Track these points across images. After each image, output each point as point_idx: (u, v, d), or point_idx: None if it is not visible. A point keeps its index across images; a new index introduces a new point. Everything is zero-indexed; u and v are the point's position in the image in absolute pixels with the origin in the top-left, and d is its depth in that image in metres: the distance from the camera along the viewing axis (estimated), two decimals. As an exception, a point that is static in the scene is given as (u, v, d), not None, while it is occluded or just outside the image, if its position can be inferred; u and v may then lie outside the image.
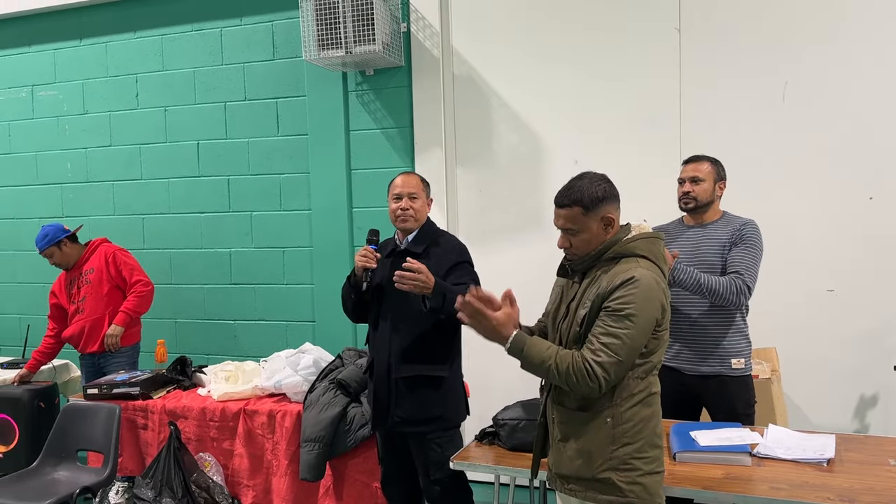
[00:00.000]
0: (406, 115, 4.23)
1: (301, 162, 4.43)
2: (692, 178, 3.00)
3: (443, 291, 2.61)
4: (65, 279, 4.20)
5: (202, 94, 4.63)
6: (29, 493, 3.35)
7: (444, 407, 2.87)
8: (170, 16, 4.66)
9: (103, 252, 4.16)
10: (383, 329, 2.88)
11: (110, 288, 4.11)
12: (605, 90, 3.94)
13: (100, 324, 4.08)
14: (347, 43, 3.89)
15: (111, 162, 4.87)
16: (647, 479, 2.00)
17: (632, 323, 1.91)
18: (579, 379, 1.92)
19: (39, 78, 5.01)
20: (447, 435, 2.90)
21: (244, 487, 3.49)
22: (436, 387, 2.85)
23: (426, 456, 2.88)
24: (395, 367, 2.84)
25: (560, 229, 2.08)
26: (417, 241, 2.89)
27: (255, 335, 4.59)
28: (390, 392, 2.86)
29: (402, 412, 2.84)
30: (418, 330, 2.80)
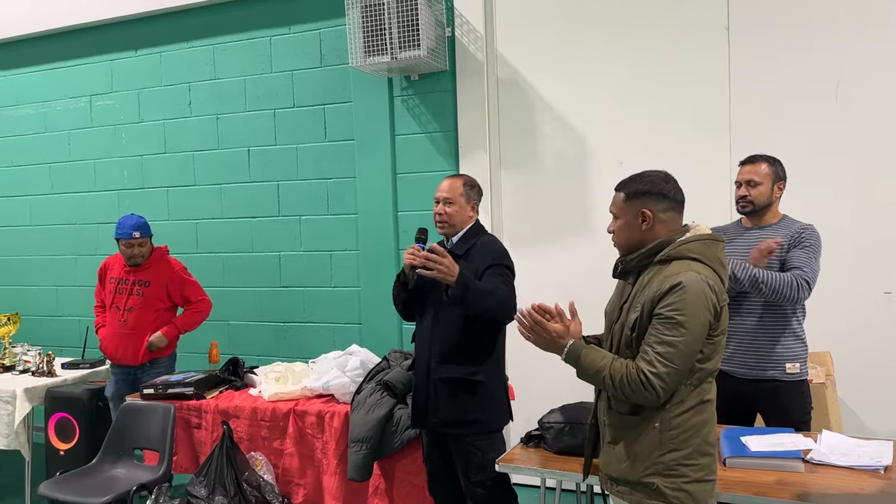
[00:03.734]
0: (450, 119, 4.26)
1: (348, 167, 4.50)
2: (748, 180, 2.95)
3: (465, 283, 2.63)
4: (116, 272, 4.09)
5: (252, 102, 4.74)
6: (88, 489, 3.47)
7: (481, 411, 2.86)
8: (221, 25, 4.79)
9: (166, 269, 4.06)
10: (425, 329, 2.93)
11: (165, 307, 4.06)
12: (651, 90, 3.91)
13: (141, 340, 4.00)
14: (393, 49, 3.93)
15: (166, 168, 5.02)
16: (695, 486, 1.97)
17: (685, 329, 1.89)
18: (634, 389, 1.92)
19: (97, 88, 5.19)
20: (487, 438, 2.89)
21: (295, 486, 3.55)
22: (473, 391, 2.85)
23: (466, 458, 2.89)
24: (434, 368, 2.86)
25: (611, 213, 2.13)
26: (461, 243, 2.92)
27: (304, 337, 4.68)
28: (429, 392, 2.89)
29: (439, 413, 2.87)
30: (458, 332, 2.82)
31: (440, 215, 2.90)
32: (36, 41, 5.31)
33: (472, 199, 2.95)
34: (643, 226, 2.04)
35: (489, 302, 2.71)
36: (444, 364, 2.84)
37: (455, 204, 2.89)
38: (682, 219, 2.09)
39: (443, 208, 2.90)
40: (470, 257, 2.85)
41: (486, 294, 2.70)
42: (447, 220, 2.90)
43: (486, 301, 2.70)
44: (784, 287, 2.77)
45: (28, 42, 5.34)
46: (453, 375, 2.83)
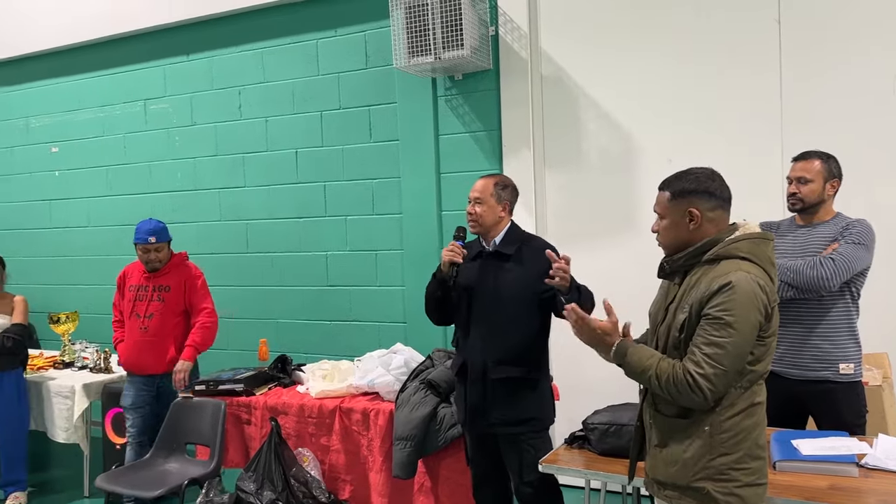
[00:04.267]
0: (494, 118, 4.26)
1: (392, 167, 4.54)
2: (799, 178, 2.87)
3: (577, 286, 2.67)
4: (136, 279, 4.00)
5: (300, 104, 4.82)
6: (143, 482, 3.59)
7: (538, 408, 2.89)
8: (270, 30, 4.88)
9: (185, 273, 3.98)
10: (476, 331, 2.90)
11: (181, 313, 3.96)
12: (699, 85, 3.83)
13: (163, 347, 3.90)
14: (437, 49, 3.95)
15: (217, 170, 5.14)
16: (746, 490, 1.93)
17: (734, 330, 1.85)
18: (681, 391, 1.88)
19: (151, 92, 5.35)
20: (540, 436, 2.91)
21: (341, 482, 3.60)
22: (531, 388, 2.86)
23: (520, 457, 2.88)
24: (492, 369, 2.84)
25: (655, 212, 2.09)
26: (506, 243, 2.91)
27: (349, 335, 4.74)
28: (485, 394, 2.87)
29: (498, 414, 2.86)
30: (512, 332, 2.82)
31: (470, 214, 2.92)
32: (95, 47, 5.50)
33: (504, 200, 2.92)
34: (690, 225, 2.00)
35: (591, 302, 2.76)
36: (502, 365, 2.83)
37: (484, 204, 2.89)
38: (730, 217, 2.04)
39: (473, 207, 2.91)
40: (522, 260, 2.84)
41: (588, 296, 2.76)
42: (476, 220, 2.90)
43: (589, 302, 2.75)
44: (806, 269, 2.71)
45: (89, 48, 5.53)
46: (512, 375, 2.83)
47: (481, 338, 2.88)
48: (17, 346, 4.12)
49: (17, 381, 4.24)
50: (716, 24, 3.78)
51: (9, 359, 4.15)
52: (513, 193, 2.97)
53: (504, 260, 2.86)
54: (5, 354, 4.11)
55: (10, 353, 4.12)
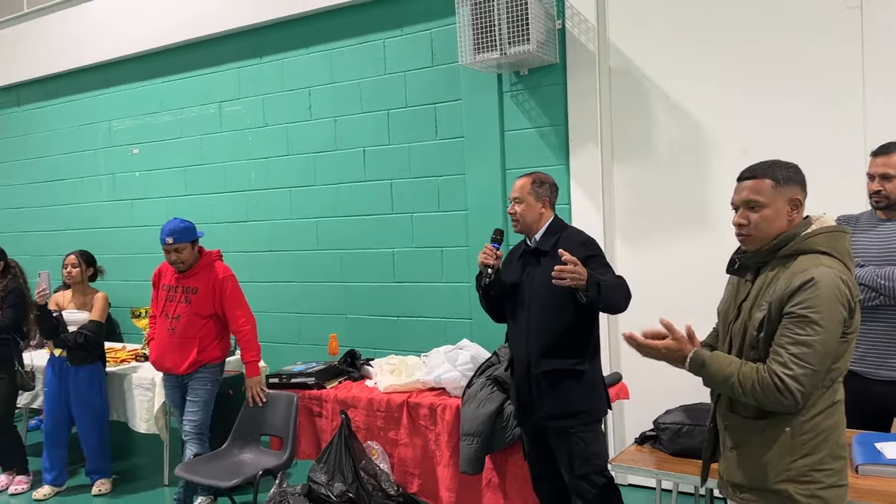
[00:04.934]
0: (561, 113, 4.21)
1: (458, 164, 4.55)
2: (882, 174, 2.73)
3: (596, 281, 2.62)
4: (168, 279, 4.00)
5: (367, 104, 4.89)
6: (219, 472, 3.71)
7: (586, 401, 2.87)
8: (337, 31, 4.97)
9: (213, 275, 3.91)
10: (520, 327, 2.94)
11: (210, 316, 3.92)
12: (775, 74, 3.69)
13: (187, 349, 3.89)
14: (502, 44, 3.94)
15: (288, 170, 5.27)
16: (828, 492, 1.87)
17: (820, 328, 1.78)
18: (768, 395, 1.82)
19: (226, 95, 5.53)
20: (590, 429, 2.88)
21: (410, 476, 3.64)
22: (576, 380, 2.85)
23: (569, 450, 2.87)
24: (535, 363, 2.87)
25: (740, 204, 1.96)
26: (544, 240, 2.93)
27: (416, 331, 4.78)
28: (531, 388, 2.89)
29: (545, 407, 2.87)
30: (555, 325, 2.83)
31: (511, 214, 2.96)
32: (173, 52, 5.72)
33: (542, 196, 2.95)
34: (793, 214, 1.93)
35: (618, 296, 2.74)
36: (545, 358, 2.85)
37: (524, 202, 2.93)
38: None
39: (513, 207, 2.95)
40: (557, 253, 2.80)
41: (615, 288, 2.72)
42: (518, 219, 2.94)
43: (615, 296, 2.72)
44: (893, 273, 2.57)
45: (166, 53, 5.76)
46: (556, 368, 2.84)
47: (525, 333, 2.91)
48: (88, 342, 4.31)
49: (95, 375, 4.44)
50: (792, 11, 3.63)
51: (85, 353, 4.35)
52: (551, 190, 2.99)
53: (542, 255, 2.89)
54: (78, 350, 4.32)
55: (83, 349, 4.32)
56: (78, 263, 4.43)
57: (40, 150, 6.70)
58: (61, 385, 4.39)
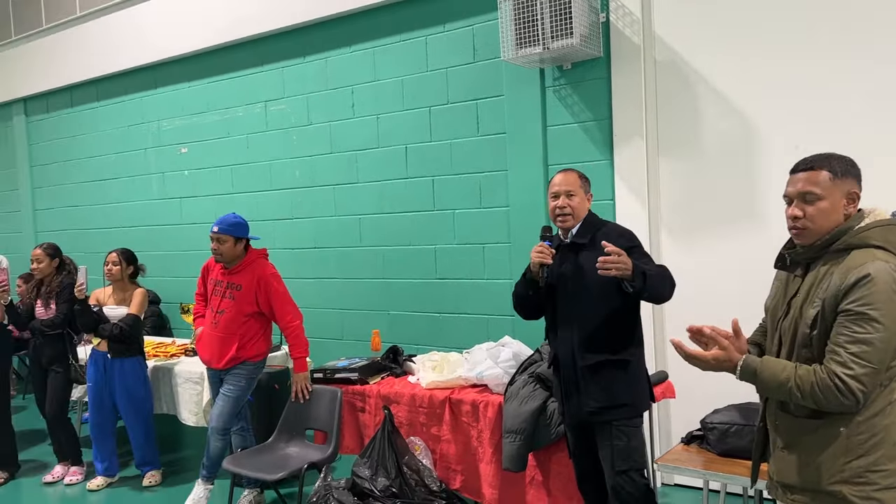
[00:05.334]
0: (604, 107, 4.16)
1: (499, 160, 4.53)
2: None
3: (642, 271, 2.62)
4: (216, 274, 4.08)
5: (409, 101, 4.90)
6: (265, 465, 3.78)
7: (630, 393, 2.85)
8: (380, 29, 4.99)
9: (257, 273, 3.95)
10: (562, 322, 2.92)
11: (252, 314, 3.96)
12: (830, 67, 3.57)
13: (229, 343, 3.95)
14: (545, 39, 3.90)
15: (332, 168, 5.32)
16: (885, 494, 1.81)
17: (880, 325, 1.73)
18: (828, 397, 1.77)
19: (271, 94, 5.60)
20: (632, 423, 2.86)
21: (452, 472, 3.65)
22: (622, 371, 2.83)
23: (611, 445, 2.84)
24: (580, 356, 2.85)
25: (795, 196, 1.91)
26: (582, 233, 2.91)
27: (458, 327, 4.78)
28: (578, 381, 2.87)
29: (591, 400, 2.84)
30: (597, 317, 2.82)
31: (564, 208, 2.90)
32: (219, 52, 5.82)
33: (588, 191, 2.99)
34: (848, 208, 1.87)
35: (663, 285, 2.74)
36: (590, 352, 2.83)
37: (577, 196, 2.91)
38: None
39: (566, 201, 2.90)
40: (596, 246, 2.77)
41: (660, 278, 2.72)
42: (571, 213, 2.90)
43: (661, 285, 2.73)
44: None
45: (213, 54, 5.87)
46: (600, 360, 2.82)
47: (568, 328, 2.89)
48: (123, 334, 4.41)
49: (136, 368, 4.55)
50: (846, 6, 3.51)
51: (125, 346, 4.46)
52: (589, 183, 3.02)
53: (580, 249, 2.87)
54: (115, 342, 4.43)
55: (119, 341, 4.43)
56: (119, 261, 4.54)
57: (93, 150, 6.90)
58: (104, 378, 4.51)
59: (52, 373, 4.68)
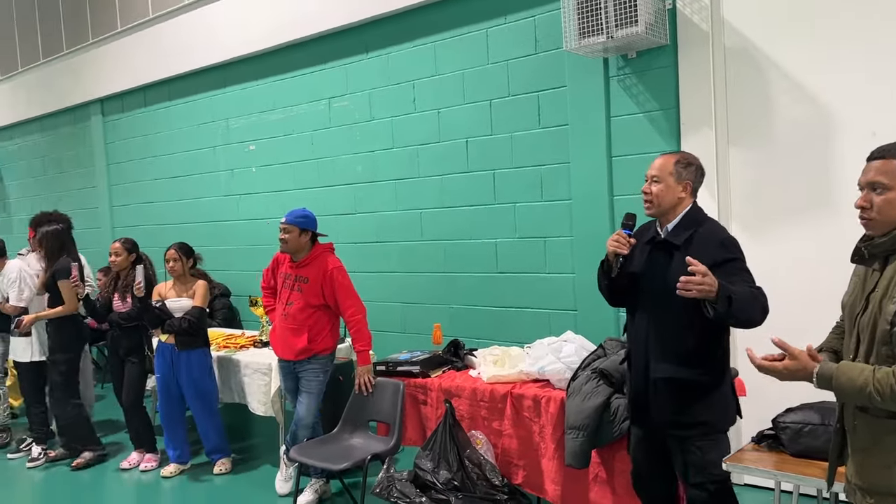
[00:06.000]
0: (671, 96, 4.05)
1: (561, 152, 4.47)
2: None
3: (727, 294, 2.32)
4: (285, 268, 4.19)
5: (470, 94, 4.89)
6: (330, 455, 3.85)
7: (708, 414, 2.63)
8: (441, 23, 4.99)
9: (323, 267, 4.05)
10: (640, 322, 2.73)
11: (319, 306, 4.06)
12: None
13: (299, 335, 4.06)
14: (609, 28, 3.82)
15: (393, 163, 5.36)
16: None
17: None
18: None
19: (334, 91, 5.68)
20: (710, 439, 2.66)
21: (514, 467, 3.63)
22: (699, 391, 2.61)
23: (684, 458, 2.67)
24: (653, 367, 2.66)
25: (865, 185, 1.84)
26: (678, 230, 2.66)
27: (519, 322, 4.75)
28: (648, 392, 2.70)
29: (661, 414, 2.67)
30: (678, 326, 2.57)
31: (645, 194, 2.69)
32: (285, 51, 5.94)
33: (685, 179, 2.66)
34: None
35: (752, 310, 2.44)
36: (664, 363, 2.63)
37: (662, 182, 2.64)
38: None
39: (649, 186, 2.67)
40: (691, 248, 2.56)
41: (750, 302, 2.42)
42: (652, 200, 2.67)
43: (750, 310, 2.43)
44: None
45: (279, 52, 5.99)
46: (675, 376, 2.61)
47: (645, 331, 2.69)
48: (192, 327, 4.57)
49: (202, 359, 4.71)
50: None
51: (191, 339, 4.62)
52: (696, 173, 2.70)
53: (673, 249, 2.62)
54: (182, 334, 4.58)
55: (187, 334, 4.58)
56: (178, 257, 4.70)
57: (166, 148, 7.16)
58: (171, 370, 4.68)
59: (128, 363, 4.89)
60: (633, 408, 2.85)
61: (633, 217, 2.74)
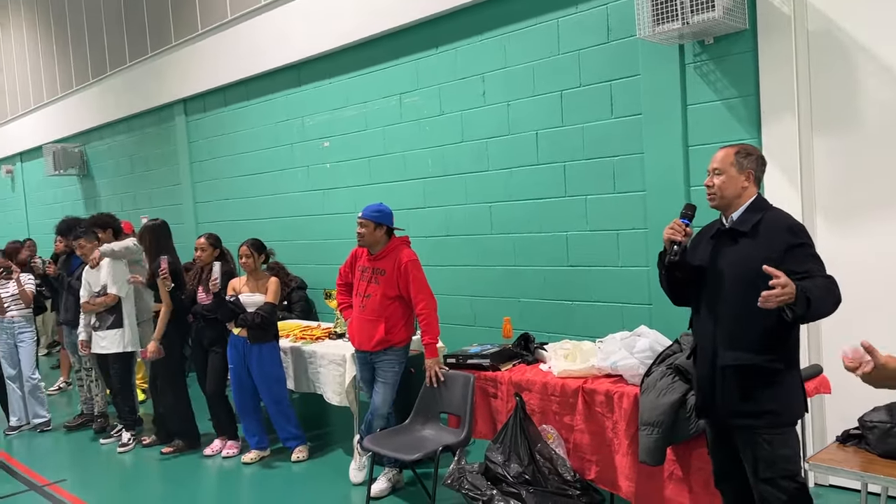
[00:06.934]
0: (751, 83, 3.90)
1: (635, 143, 4.38)
2: None
3: (805, 295, 2.30)
4: (363, 261, 4.30)
5: (540, 86, 4.84)
6: (402, 445, 3.92)
7: (777, 401, 2.58)
8: (511, 15, 4.96)
9: (398, 259, 4.15)
10: (706, 313, 2.71)
11: (395, 297, 4.15)
12: None
13: (375, 327, 4.15)
14: (684, 13, 3.72)
15: (463, 156, 5.38)
16: None
17: None
18: None
19: (405, 86, 5.74)
20: (779, 432, 2.60)
21: (587, 462, 3.59)
22: (768, 378, 2.58)
23: (753, 452, 2.62)
24: (721, 355, 2.64)
25: None
26: (743, 220, 2.65)
27: (591, 315, 4.69)
28: (715, 381, 2.67)
29: (729, 403, 2.64)
30: (745, 316, 2.55)
31: (708, 187, 2.70)
32: (357, 49, 6.04)
33: (747, 168, 2.67)
34: None
35: (826, 304, 2.41)
36: (733, 350, 2.60)
37: (724, 174, 2.67)
38: None
39: (711, 179, 2.69)
40: (758, 234, 2.57)
41: (824, 301, 2.39)
42: (715, 192, 2.68)
43: (823, 306, 2.40)
44: None
45: (351, 50, 6.09)
46: (745, 363, 2.58)
47: (712, 321, 2.67)
48: (264, 322, 4.76)
49: (273, 352, 4.89)
50: None
51: (262, 332, 4.79)
52: (758, 163, 2.71)
53: (739, 237, 2.62)
54: (255, 328, 4.74)
55: (259, 328, 4.75)
56: (250, 254, 4.88)
57: (245, 146, 7.40)
58: (243, 362, 4.87)
59: (212, 354, 5.10)
60: (699, 399, 2.81)
61: (692, 207, 2.75)
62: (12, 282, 5.95)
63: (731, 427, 2.70)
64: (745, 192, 2.67)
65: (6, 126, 12.54)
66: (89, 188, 10.36)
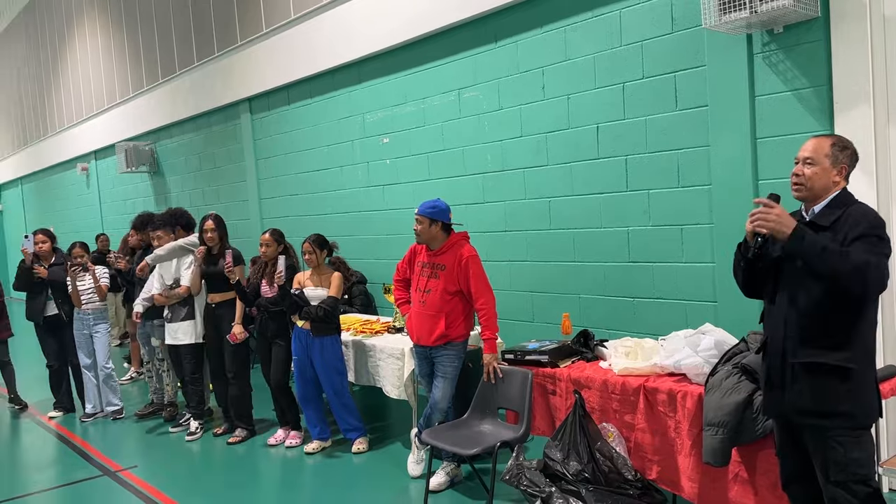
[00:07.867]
0: (823, 72, 3.74)
1: (700, 136, 4.26)
2: None
3: (801, 234, 2.39)
4: (422, 257, 4.35)
5: (601, 78, 4.76)
6: (460, 440, 3.93)
7: (850, 402, 2.49)
8: (571, 6, 4.89)
9: (458, 254, 4.19)
10: (779, 306, 2.63)
11: (455, 292, 4.19)
12: None
13: (435, 322, 4.19)
14: (753, 2, 3.60)
15: (522, 151, 5.34)
16: None
17: None
18: None
19: (463, 82, 5.73)
20: (853, 435, 2.51)
21: (648, 462, 3.54)
22: (841, 378, 2.49)
23: (824, 454, 2.54)
24: (792, 350, 2.56)
25: None
26: (824, 214, 2.56)
27: (653, 313, 4.59)
28: (784, 376, 2.60)
29: (798, 401, 2.56)
30: (819, 310, 2.49)
31: (796, 176, 2.59)
32: (416, 45, 6.06)
33: (841, 163, 2.57)
34: None
35: (833, 260, 2.37)
36: (805, 347, 2.53)
37: (817, 165, 2.56)
38: None
39: (801, 168, 2.58)
40: (837, 228, 2.48)
41: (828, 251, 2.38)
42: (804, 183, 2.57)
43: (829, 258, 2.37)
44: None
45: (410, 46, 6.12)
46: (819, 360, 2.51)
47: (784, 315, 2.60)
48: (327, 315, 4.86)
49: (334, 345, 4.98)
50: None
51: (325, 325, 4.89)
52: (852, 158, 2.61)
53: (820, 230, 2.52)
54: (318, 321, 4.83)
55: (322, 321, 4.85)
56: (312, 250, 4.98)
57: (308, 143, 7.54)
58: (306, 354, 4.97)
59: (276, 345, 5.23)
60: (766, 395, 2.74)
61: (777, 197, 2.61)
62: (88, 275, 6.22)
63: (801, 426, 2.62)
64: (834, 186, 2.58)
65: (81, 126, 13.13)
66: (159, 185, 10.75)
